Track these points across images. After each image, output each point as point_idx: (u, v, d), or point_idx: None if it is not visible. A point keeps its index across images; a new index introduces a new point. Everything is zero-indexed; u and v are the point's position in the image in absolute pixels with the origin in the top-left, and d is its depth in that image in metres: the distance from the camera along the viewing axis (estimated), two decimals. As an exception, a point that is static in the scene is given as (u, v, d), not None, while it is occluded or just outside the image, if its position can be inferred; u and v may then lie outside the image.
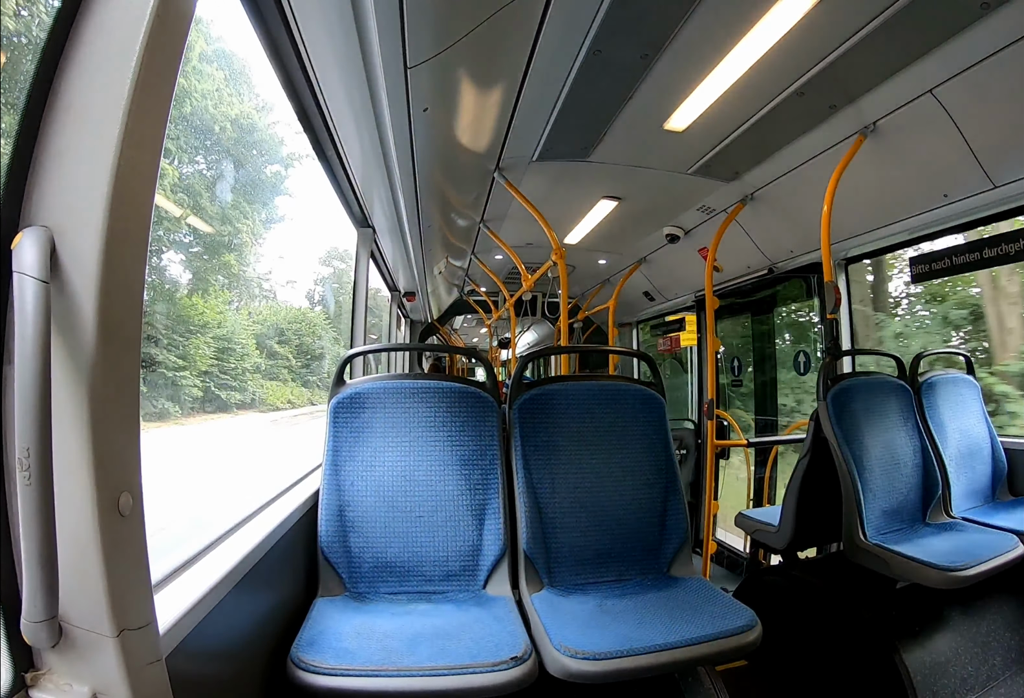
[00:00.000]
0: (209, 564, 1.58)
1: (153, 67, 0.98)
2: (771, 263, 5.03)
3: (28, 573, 0.89)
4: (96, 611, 0.96)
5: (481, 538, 2.39)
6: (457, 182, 4.10)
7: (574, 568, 2.44)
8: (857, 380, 3.12)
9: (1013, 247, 3.42)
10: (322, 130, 2.78)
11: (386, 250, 5.39)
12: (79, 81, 0.98)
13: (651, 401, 2.66)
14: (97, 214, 0.94)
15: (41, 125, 0.99)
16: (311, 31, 2.06)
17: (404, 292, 7.51)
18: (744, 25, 2.46)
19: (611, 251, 6.45)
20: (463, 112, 2.92)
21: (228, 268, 6.92)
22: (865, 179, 3.55)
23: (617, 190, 4.59)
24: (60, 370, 0.92)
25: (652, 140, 3.57)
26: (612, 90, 2.98)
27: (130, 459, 1.02)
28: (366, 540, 2.35)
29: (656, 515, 2.55)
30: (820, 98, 3.04)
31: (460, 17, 2.12)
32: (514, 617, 2.06)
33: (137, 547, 1.03)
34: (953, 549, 2.63)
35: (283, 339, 8.83)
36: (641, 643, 1.84)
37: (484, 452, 2.48)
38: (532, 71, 2.72)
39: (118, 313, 0.97)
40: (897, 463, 3.04)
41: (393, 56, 2.17)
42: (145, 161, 1.01)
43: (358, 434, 2.44)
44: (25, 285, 0.88)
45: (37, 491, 0.86)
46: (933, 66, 2.69)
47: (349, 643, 1.84)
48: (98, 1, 0.99)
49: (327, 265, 13.55)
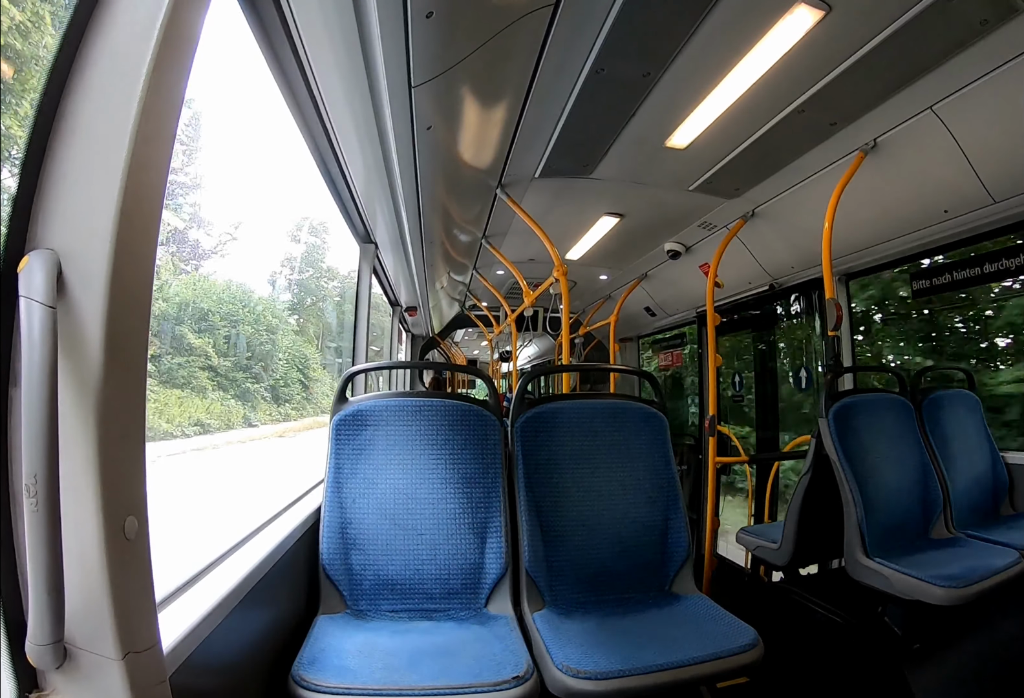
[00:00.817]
0: (211, 582, 1.58)
1: (160, 90, 0.99)
2: (772, 279, 5.05)
3: (34, 596, 0.88)
4: (102, 634, 0.96)
5: (483, 556, 2.38)
6: (459, 199, 4.12)
7: (576, 586, 2.43)
8: (858, 397, 3.11)
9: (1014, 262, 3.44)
10: (326, 147, 2.80)
11: (388, 265, 5.40)
12: (86, 104, 0.99)
13: (653, 419, 2.66)
14: (104, 237, 0.94)
15: (48, 148, 0.99)
16: (317, 52, 2.08)
17: (406, 307, 7.52)
18: (746, 44, 2.48)
19: (613, 267, 6.47)
20: (466, 130, 2.93)
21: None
22: (866, 195, 3.56)
23: (619, 207, 4.61)
24: (67, 394, 0.92)
25: (654, 157, 3.59)
26: (614, 108, 3.00)
27: (136, 483, 1.02)
28: (368, 557, 2.34)
29: (658, 533, 2.54)
30: (821, 116, 3.05)
31: (464, 37, 2.14)
32: (516, 636, 2.05)
33: (142, 570, 1.03)
34: (956, 565, 2.62)
35: (205, 327, 6.31)
36: (643, 662, 1.83)
37: (486, 470, 2.47)
38: (535, 89, 2.75)
39: (124, 337, 0.98)
40: (899, 479, 3.03)
41: (398, 75, 2.18)
42: (152, 184, 1.02)
43: (360, 451, 2.44)
44: (32, 310, 0.89)
45: (44, 516, 0.86)
46: (933, 83, 2.71)
47: (350, 661, 1.83)
48: (105, 24, 1.00)
49: (298, 241, 11.49)
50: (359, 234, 4.24)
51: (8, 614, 0.96)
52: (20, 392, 0.89)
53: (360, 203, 3.61)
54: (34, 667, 0.97)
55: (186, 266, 6.77)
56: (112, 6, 1.00)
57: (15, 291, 0.92)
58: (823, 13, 2.27)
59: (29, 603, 0.90)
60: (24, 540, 0.90)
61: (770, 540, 3.35)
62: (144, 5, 0.98)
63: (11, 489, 0.95)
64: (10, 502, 0.95)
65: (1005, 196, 3.07)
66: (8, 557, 0.96)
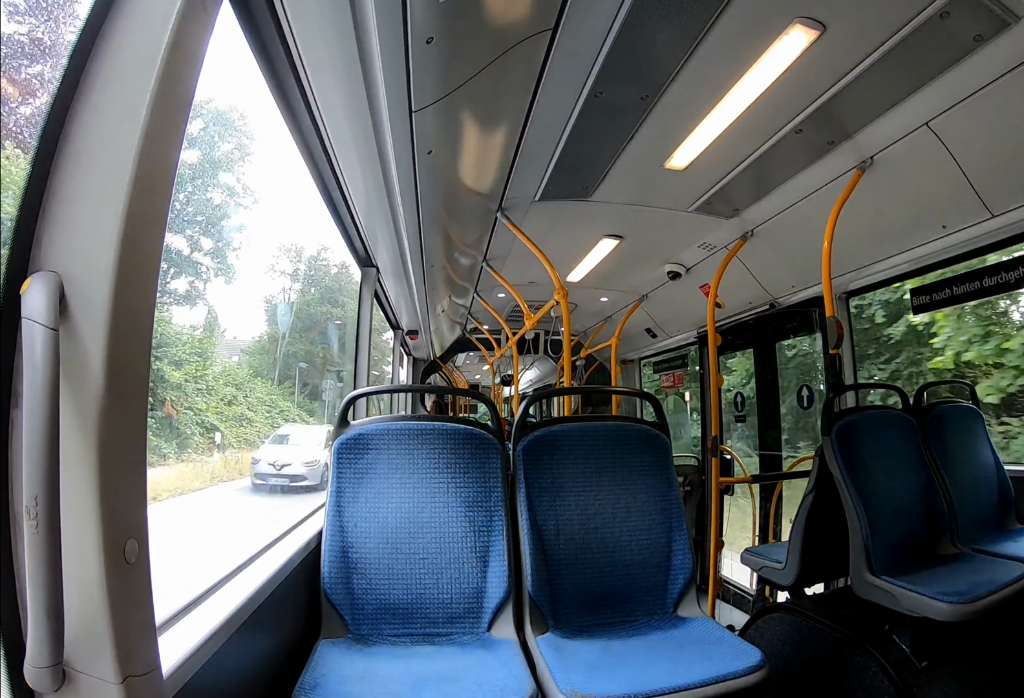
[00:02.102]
0: (212, 606, 1.57)
1: (163, 114, 1.00)
2: (772, 298, 5.05)
3: (34, 619, 0.88)
4: (101, 657, 0.95)
5: (485, 580, 2.36)
6: (460, 222, 4.14)
7: (579, 610, 2.41)
8: (861, 415, 3.09)
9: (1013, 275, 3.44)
10: (327, 172, 2.82)
11: (389, 289, 5.41)
12: (89, 126, 1.00)
13: (655, 441, 2.65)
14: (106, 259, 0.94)
15: (51, 171, 1.00)
16: (318, 76, 2.10)
17: (407, 330, 7.53)
18: (742, 65, 2.51)
19: (613, 289, 6.48)
20: (466, 154, 2.96)
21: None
22: (864, 212, 3.58)
23: (619, 228, 4.63)
24: (68, 417, 0.92)
25: (653, 179, 3.62)
26: (613, 131, 3.03)
27: (136, 506, 1.02)
28: (369, 582, 2.32)
29: (661, 555, 2.52)
30: (818, 134, 3.08)
31: (464, 62, 2.16)
32: (519, 660, 2.03)
33: (142, 594, 1.02)
34: (962, 581, 2.59)
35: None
36: (647, 686, 1.81)
37: (488, 493, 2.46)
38: (534, 113, 2.77)
39: (126, 359, 0.98)
40: (903, 496, 3.00)
41: (398, 100, 2.20)
42: (154, 207, 1.02)
43: (361, 475, 2.42)
44: (34, 332, 0.89)
45: (44, 538, 0.86)
46: (928, 99, 2.73)
47: (352, 687, 1.81)
48: (109, 48, 1.01)
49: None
50: (360, 258, 4.26)
51: (7, 636, 0.95)
52: (21, 414, 0.89)
53: (361, 227, 3.63)
54: (32, 690, 0.95)
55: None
56: (116, 29, 1.01)
57: (17, 313, 0.92)
58: (818, 33, 2.30)
59: (28, 625, 0.89)
60: (24, 562, 0.89)
61: (775, 560, 3.32)
62: (147, 30, 1.00)
63: (12, 510, 0.95)
64: (11, 524, 0.95)
65: (1002, 210, 3.08)
66: (8, 579, 0.96)
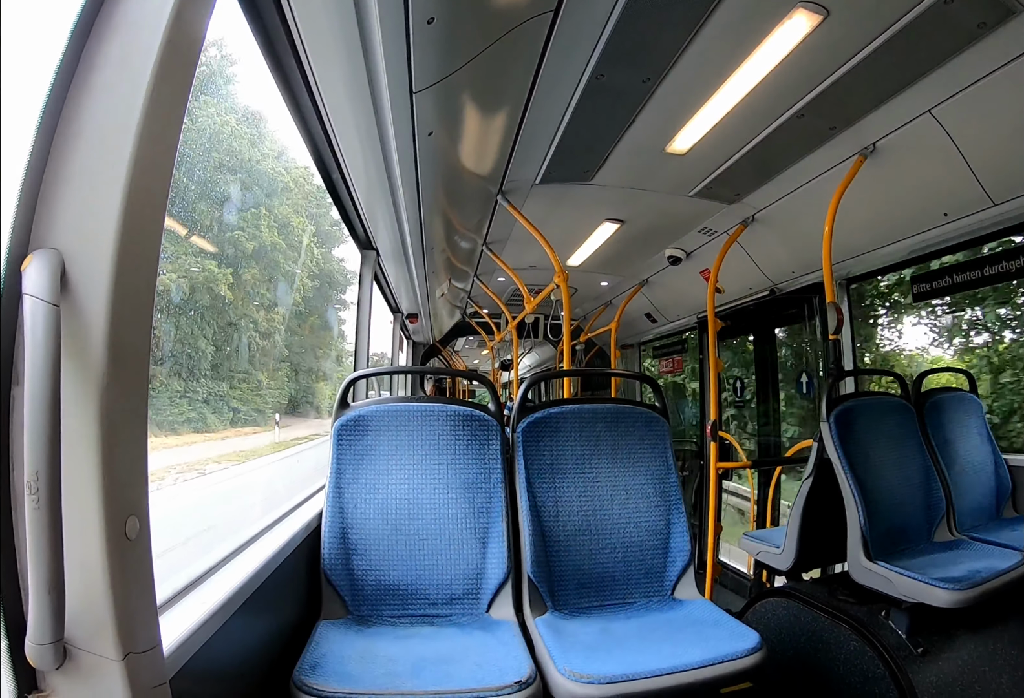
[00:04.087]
0: (213, 586, 1.58)
1: (164, 91, 0.99)
2: (773, 284, 5.05)
3: (35, 595, 0.88)
4: (102, 634, 0.95)
5: (485, 561, 2.38)
6: (460, 205, 4.12)
7: (578, 591, 2.43)
8: (860, 400, 3.10)
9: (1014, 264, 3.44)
10: (328, 154, 2.81)
11: (389, 272, 5.40)
12: (90, 104, 0.99)
13: (654, 423, 2.66)
14: (107, 236, 0.94)
15: (52, 148, 0.99)
16: (318, 57, 2.08)
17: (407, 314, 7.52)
18: (744, 50, 2.49)
19: (613, 273, 6.48)
20: (467, 136, 2.94)
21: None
22: (866, 199, 3.57)
23: (619, 213, 4.62)
24: (69, 393, 0.91)
25: (654, 163, 3.60)
26: (614, 114, 3.02)
27: (138, 483, 1.02)
28: (369, 563, 2.33)
29: (660, 537, 2.53)
30: (820, 120, 3.07)
31: (465, 43, 2.15)
32: (518, 641, 2.04)
33: (143, 571, 1.03)
34: (959, 567, 2.61)
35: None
36: (645, 667, 1.83)
37: (488, 475, 2.46)
38: (535, 95, 2.76)
39: (127, 335, 0.98)
40: (901, 482, 3.02)
41: (399, 81, 2.19)
42: (155, 184, 1.02)
43: (361, 457, 2.43)
44: (35, 307, 0.88)
45: (45, 514, 0.86)
46: (932, 86, 2.72)
47: (352, 667, 1.82)
48: (110, 25, 1.00)
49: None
50: (361, 241, 4.24)
51: (8, 613, 0.95)
52: (23, 390, 0.89)
53: (361, 209, 3.61)
54: (34, 668, 0.96)
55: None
56: (117, 8, 1.00)
57: (19, 290, 0.92)
58: (821, 18, 2.28)
59: (29, 601, 0.90)
60: (25, 538, 0.90)
61: (772, 545, 3.34)
62: (149, 6, 0.99)
63: (13, 488, 0.95)
64: (11, 500, 0.95)
65: (1004, 198, 3.08)
66: (8, 555, 0.96)
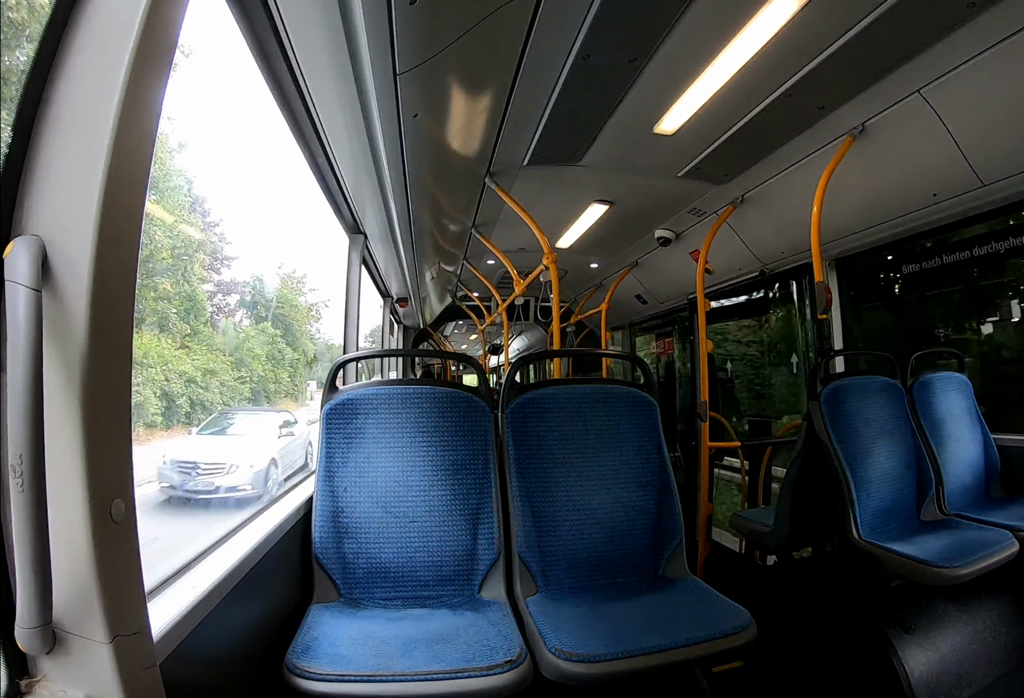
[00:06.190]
0: (203, 570, 1.59)
1: (143, 76, 0.99)
2: (762, 265, 5.06)
3: (22, 579, 0.88)
4: (90, 617, 0.96)
5: (475, 542, 2.39)
6: (448, 188, 4.10)
7: (568, 571, 2.44)
8: (849, 380, 3.12)
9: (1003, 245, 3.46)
10: (312, 137, 2.79)
11: (378, 256, 5.38)
12: (70, 90, 0.99)
13: (644, 403, 2.66)
14: (88, 223, 0.94)
15: (32, 135, 0.99)
16: (301, 39, 2.06)
17: (396, 298, 7.50)
18: (732, 28, 2.47)
19: (603, 255, 6.47)
20: (453, 118, 2.92)
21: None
22: (855, 180, 3.57)
23: (608, 194, 4.60)
24: (52, 377, 0.92)
25: (642, 143, 3.58)
26: (601, 94, 3.00)
27: (122, 465, 1.02)
28: (360, 545, 2.34)
29: (651, 517, 2.55)
30: (809, 100, 3.05)
31: (449, 23, 2.13)
32: (509, 621, 2.06)
33: (130, 553, 1.03)
34: (947, 546, 2.64)
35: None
36: (635, 645, 1.84)
37: (477, 456, 2.47)
38: (521, 76, 2.74)
39: (109, 320, 0.97)
40: (890, 462, 3.04)
41: (383, 63, 2.17)
42: (135, 170, 1.01)
43: (351, 440, 2.44)
44: (17, 293, 0.89)
45: (30, 497, 0.86)
46: (921, 67, 2.71)
47: (344, 649, 1.84)
48: (88, 11, 0.99)
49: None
50: (348, 224, 4.23)
51: None
52: (5, 375, 0.90)
53: (348, 193, 3.60)
54: (24, 653, 0.97)
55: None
56: None
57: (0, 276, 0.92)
58: None
59: (16, 585, 0.90)
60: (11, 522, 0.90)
61: (763, 523, 3.37)
62: None
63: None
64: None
65: (994, 179, 3.09)
66: None
